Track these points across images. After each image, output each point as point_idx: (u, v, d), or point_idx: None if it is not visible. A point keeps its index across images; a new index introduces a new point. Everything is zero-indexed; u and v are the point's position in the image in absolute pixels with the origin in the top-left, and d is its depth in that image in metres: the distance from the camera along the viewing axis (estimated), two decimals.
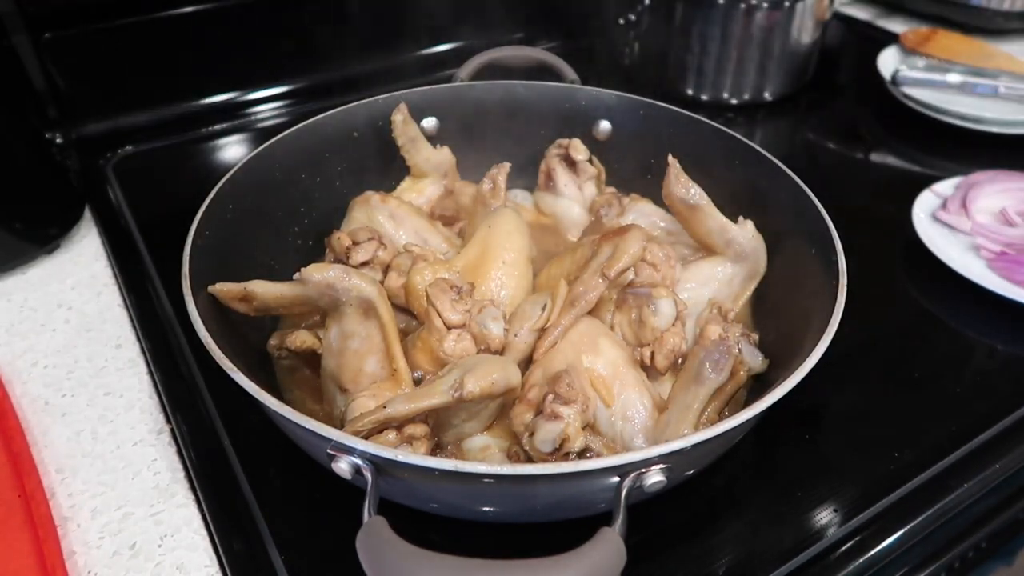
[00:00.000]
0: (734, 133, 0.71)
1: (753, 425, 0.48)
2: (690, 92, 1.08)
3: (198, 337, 0.49)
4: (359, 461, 0.43)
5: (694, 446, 0.42)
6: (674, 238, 0.71)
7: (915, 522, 0.55)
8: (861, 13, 1.38)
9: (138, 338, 0.69)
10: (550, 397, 0.51)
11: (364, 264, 0.65)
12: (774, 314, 0.64)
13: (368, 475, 0.43)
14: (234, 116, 1.01)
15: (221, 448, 0.58)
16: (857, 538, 0.54)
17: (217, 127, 1.00)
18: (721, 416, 0.55)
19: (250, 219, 0.66)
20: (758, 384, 0.59)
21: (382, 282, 0.64)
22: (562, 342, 0.57)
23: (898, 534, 0.54)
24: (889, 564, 0.54)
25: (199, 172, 0.94)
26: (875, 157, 1.00)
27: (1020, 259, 0.75)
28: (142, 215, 0.83)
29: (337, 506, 0.52)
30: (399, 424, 0.50)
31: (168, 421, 0.61)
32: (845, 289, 0.53)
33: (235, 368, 0.47)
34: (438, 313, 0.56)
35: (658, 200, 0.69)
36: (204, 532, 0.54)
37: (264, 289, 0.54)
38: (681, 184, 0.63)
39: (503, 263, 0.63)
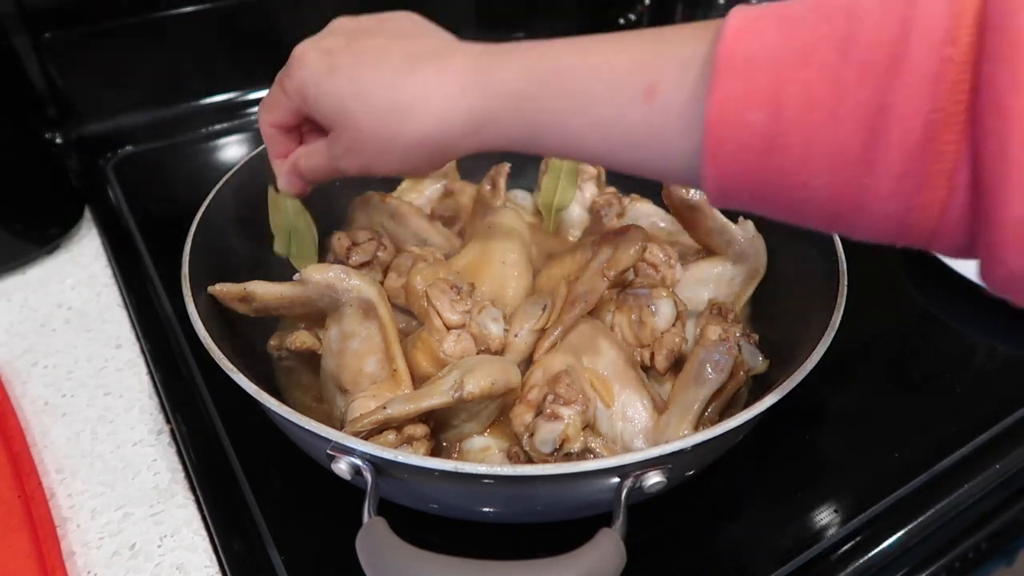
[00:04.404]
0: None
1: (753, 425, 0.48)
2: None
3: (198, 337, 0.49)
4: (359, 462, 0.43)
5: (694, 447, 0.42)
6: (674, 238, 0.71)
7: (915, 522, 0.55)
8: None
9: (138, 338, 0.69)
10: (550, 397, 0.51)
11: (364, 264, 0.65)
12: (774, 314, 0.64)
13: (368, 476, 0.43)
14: (234, 116, 1.01)
15: (221, 448, 0.58)
16: (857, 538, 0.54)
17: (217, 127, 1.00)
18: (721, 417, 0.55)
19: (250, 219, 0.65)
20: (758, 384, 0.59)
21: (382, 282, 0.64)
22: (562, 342, 0.57)
23: (898, 534, 0.54)
24: (889, 565, 0.54)
25: (199, 172, 0.94)
26: None
27: None
28: (142, 215, 0.83)
29: (337, 506, 0.52)
30: (399, 425, 0.50)
31: (168, 421, 0.61)
32: (845, 289, 0.53)
33: (235, 368, 0.47)
34: (438, 313, 0.56)
35: (658, 200, 0.69)
36: (204, 532, 0.54)
37: (264, 290, 0.54)
38: (681, 184, 0.63)
39: (503, 263, 0.63)
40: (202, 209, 0.60)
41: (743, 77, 0.34)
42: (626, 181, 0.80)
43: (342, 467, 0.43)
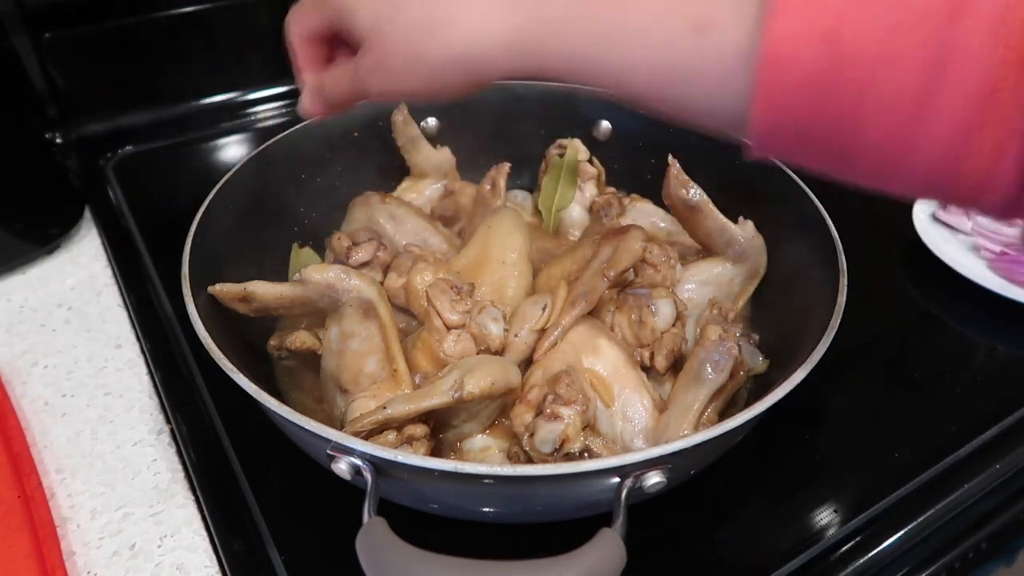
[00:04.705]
0: None
1: (753, 425, 0.48)
2: None
3: (198, 337, 0.49)
4: (359, 462, 0.43)
5: (694, 447, 0.42)
6: (674, 238, 0.71)
7: (915, 523, 0.55)
8: None
9: (138, 338, 0.69)
10: (550, 398, 0.51)
11: (364, 265, 0.65)
12: (774, 314, 0.64)
13: (368, 476, 0.43)
14: (234, 116, 1.01)
15: (221, 448, 0.58)
16: (857, 539, 0.54)
17: (217, 127, 1.00)
18: (721, 417, 0.55)
19: (250, 219, 0.66)
20: (758, 384, 0.59)
21: (382, 282, 0.64)
22: (562, 342, 0.57)
23: (898, 534, 0.54)
24: (889, 565, 0.54)
25: (199, 172, 0.94)
26: None
27: (1020, 259, 0.75)
28: (142, 215, 0.83)
29: (337, 506, 0.51)
30: (399, 425, 0.50)
31: (168, 421, 0.61)
32: (845, 289, 0.53)
33: (235, 368, 0.47)
34: (438, 313, 0.56)
35: (658, 200, 0.69)
36: (204, 532, 0.54)
37: (264, 290, 0.55)
38: (681, 184, 0.63)
39: (503, 263, 0.63)
40: (202, 209, 0.60)
41: (799, 14, 0.33)
42: (626, 181, 0.80)
43: (342, 467, 0.43)
